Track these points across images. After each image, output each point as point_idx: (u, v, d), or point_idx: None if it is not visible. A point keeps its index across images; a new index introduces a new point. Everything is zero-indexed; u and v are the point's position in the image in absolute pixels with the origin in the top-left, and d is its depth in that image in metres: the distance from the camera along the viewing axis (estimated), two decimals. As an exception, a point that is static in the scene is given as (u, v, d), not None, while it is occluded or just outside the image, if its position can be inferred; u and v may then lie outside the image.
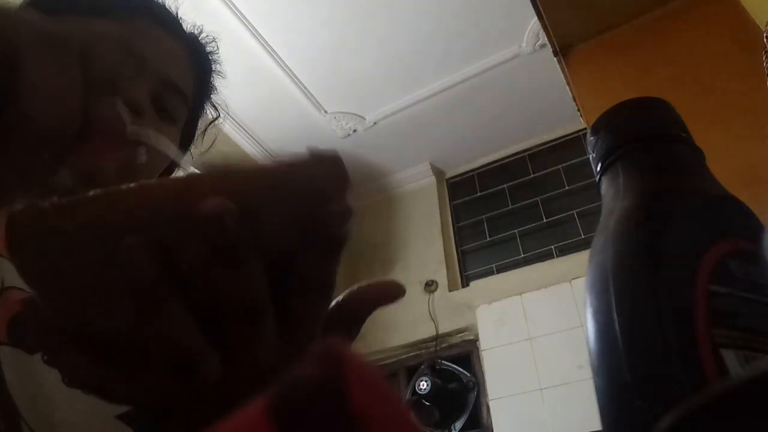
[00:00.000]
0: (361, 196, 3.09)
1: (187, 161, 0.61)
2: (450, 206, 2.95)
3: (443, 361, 2.43)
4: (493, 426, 2.14)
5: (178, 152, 0.57)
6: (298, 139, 2.78)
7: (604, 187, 0.28)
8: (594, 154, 0.30)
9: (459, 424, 2.28)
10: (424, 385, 2.28)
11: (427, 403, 2.27)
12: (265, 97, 2.52)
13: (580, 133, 2.70)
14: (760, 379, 0.12)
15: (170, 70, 0.52)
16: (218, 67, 0.61)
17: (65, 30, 0.30)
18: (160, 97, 0.50)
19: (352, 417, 0.12)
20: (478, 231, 2.80)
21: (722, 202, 0.25)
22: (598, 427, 0.22)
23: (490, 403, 2.20)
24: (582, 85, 1.11)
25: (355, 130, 2.76)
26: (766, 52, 0.71)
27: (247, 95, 2.47)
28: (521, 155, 2.89)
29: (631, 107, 0.29)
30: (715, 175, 0.27)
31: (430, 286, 2.65)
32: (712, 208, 0.25)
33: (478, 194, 2.91)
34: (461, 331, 2.46)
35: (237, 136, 2.63)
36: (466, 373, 2.38)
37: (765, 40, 0.71)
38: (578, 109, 1.14)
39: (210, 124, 0.64)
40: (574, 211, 2.58)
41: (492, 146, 2.91)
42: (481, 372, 2.31)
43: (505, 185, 2.84)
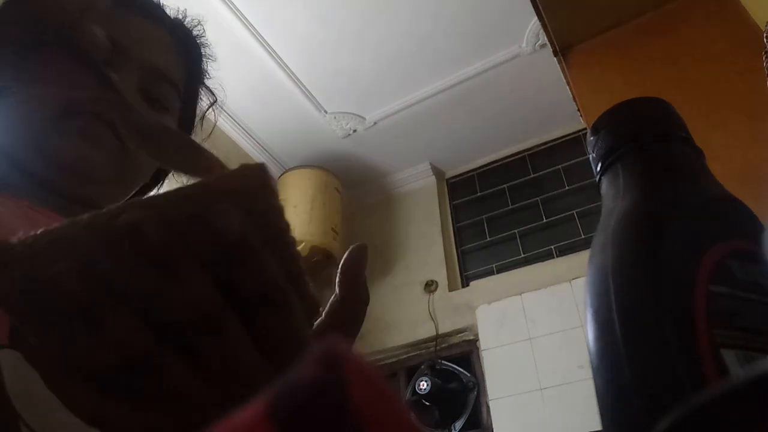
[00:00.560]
0: (361, 196, 3.09)
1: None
2: (450, 206, 2.94)
3: (443, 361, 2.43)
4: (493, 426, 2.14)
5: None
6: (298, 139, 2.77)
7: (604, 187, 0.28)
8: (594, 154, 0.30)
9: (459, 424, 2.27)
10: (424, 385, 2.28)
11: (427, 403, 2.27)
12: (265, 97, 2.52)
13: (580, 133, 2.70)
14: (760, 379, 0.12)
15: (156, 57, 0.50)
16: (207, 50, 0.59)
17: None
18: (149, 87, 0.49)
19: (352, 417, 0.12)
20: (478, 231, 2.80)
21: (722, 202, 0.25)
22: (598, 427, 0.22)
23: (490, 403, 2.20)
24: (582, 85, 1.11)
25: (355, 130, 2.76)
26: (766, 52, 0.71)
27: (247, 95, 2.47)
28: (521, 155, 2.89)
29: (631, 107, 0.29)
30: (715, 175, 0.27)
31: (430, 286, 2.65)
32: (712, 208, 0.25)
33: (478, 194, 2.91)
34: (461, 331, 2.46)
35: (237, 136, 2.63)
36: (466, 373, 2.37)
37: (765, 40, 0.71)
38: (578, 109, 1.14)
39: (208, 109, 0.63)
40: (574, 211, 2.57)
41: (492, 146, 2.91)
42: (481, 372, 2.30)
43: (505, 185, 2.84)
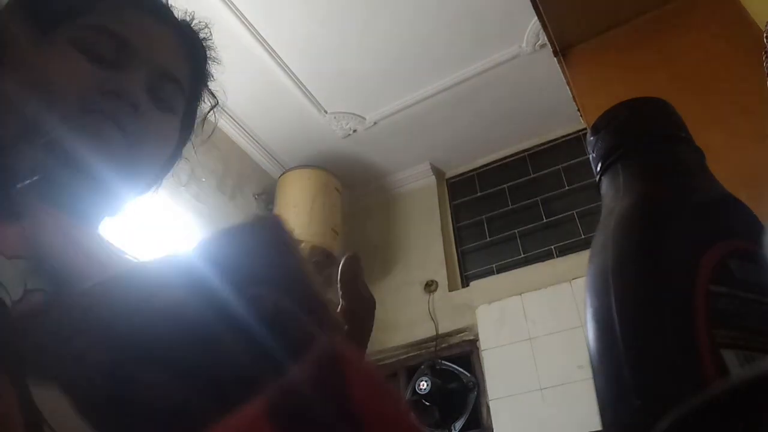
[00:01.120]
0: (361, 196, 3.09)
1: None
2: (450, 206, 2.94)
3: (443, 361, 2.43)
4: (493, 426, 2.14)
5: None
6: (298, 139, 2.77)
7: (604, 187, 0.28)
8: (594, 154, 0.30)
9: (459, 424, 2.27)
10: (424, 385, 2.28)
11: (427, 403, 2.27)
12: (265, 97, 2.52)
13: (580, 133, 2.70)
14: (760, 379, 0.12)
15: (163, 58, 0.51)
16: (213, 53, 0.60)
17: None
18: (156, 87, 0.50)
19: (352, 417, 0.12)
20: (478, 231, 2.80)
21: (722, 202, 0.25)
22: (598, 427, 0.22)
23: (490, 403, 2.20)
24: (582, 85, 1.11)
25: (355, 130, 2.76)
26: (766, 52, 0.71)
27: (247, 96, 2.47)
28: (521, 155, 2.89)
29: (631, 107, 0.29)
30: (715, 175, 0.27)
31: (430, 286, 2.65)
32: (712, 208, 0.25)
33: (478, 194, 2.91)
34: (461, 331, 2.46)
35: (237, 136, 2.63)
36: (466, 373, 2.37)
37: (765, 40, 0.71)
38: (578, 109, 1.14)
39: (209, 112, 0.63)
40: (574, 211, 2.57)
41: (492, 146, 2.91)
42: (481, 372, 2.30)
43: (505, 185, 2.84)
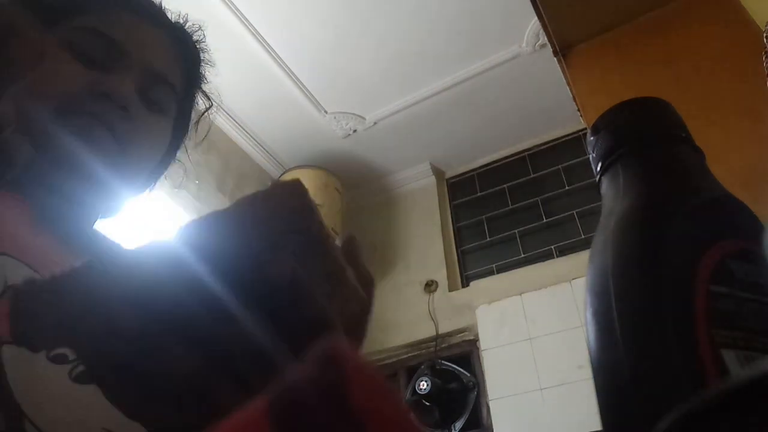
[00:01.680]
0: (361, 196, 3.09)
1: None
2: (450, 206, 2.94)
3: (443, 361, 2.43)
4: (493, 426, 2.14)
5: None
6: (298, 140, 2.77)
7: (605, 187, 0.28)
8: (594, 154, 0.30)
9: (459, 424, 2.27)
10: (424, 385, 2.28)
11: (427, 403, 2.27)
12: (265, 97, 2.52)
13: (580, 133, 2.70)
14: (760, 379, 0.12)
15: (155, 60, 0.51)
16: (206, 56, 0.60)
17: None
18: (147, 89, 0.50)
19: (352, 417, 0.12)
20: (478, 231, 2.80)
21: (722, 202, 0.25)
22: (598, 427, 0.22)
23: (490, 403, 2.20)
24: (582, 85, 1.11)
25: (355, 130, 2.76)
26: (766, 52, 0.71)
27: (247, 96, 2.47)
28: (521, 155, 2.89)
29: (631, 107, 0.29)
30: (715, 175, 0.27)
31: (430, 286, 2.65)
32: (712, 208, 0.25)
33: (478, 194, 2.91)
34: (461, 331, 2.46)
35: (237, 136, 2.63)
36: (466, 373, 2.37)
37: (765, 40, 0.71)
38: (578, 109, 1.14)
39: (203, 114, 0.64)
40: (574, 211, 2.57)
41: (492, 146, 2.91)
42: (481, 372, 2.30)
43: (505, 185, 2.84)
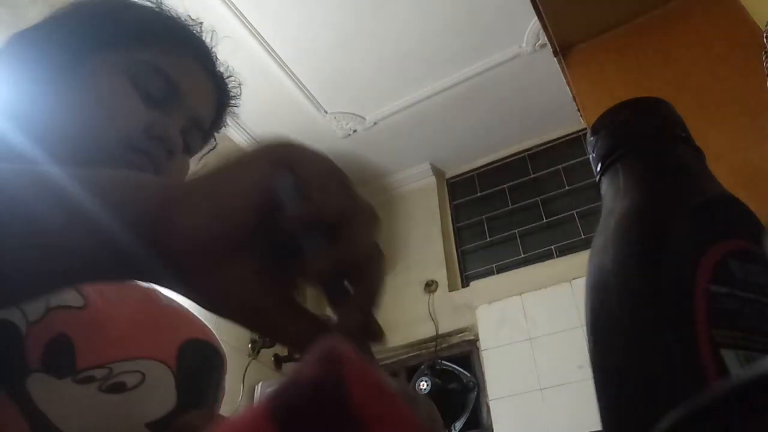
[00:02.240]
0: (362, 196, 3.08)
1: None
2: (450, 206, 2.94)
3: (443, 361, 2.43)
4: (493, 426, 2.14)
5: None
6: (298, 140, 2.77)
7: (605, 187, 0.28)
8: (594, 154, 0.30)
9: (459, 424, 2.27)
10: (424, 385, 2.28)
11: (427, 403, 2.26)
12: (266, 97, 2.52)
13: (580, 133, 2.70)
14: (760, 379, 0.12)
15: (201, 108, 0.55)
16: (236, 109, 0.65)
17: None
18: (187, 134, 0.54)
19: (352, 417, 0.12)
20: (478, 231, 2.80)
21: (722, 202, 0.25)
22: (598, 427, 0.22)
23: (490, 403, 2.20)
24: (582, 85, 1.11)
25: (355, 130, 2.75)
26: (766, 52, 0.71)
27: (248, 96, 2.44)
28: (521, 155, 2.89)
29: (632, 107, 0.29)
30: (715, 175, 0.27)
31: (430, 286, 2.65)
32: (712, 208, 0.25)
33: (478, 194, 2.91)
34: (461, 331, 2.46)
35: (237, 136, 2.63)
36: (466, 373, 2.37)
37: (765, 40, 0.71)
38: (578, 109, 1.14)
39: (207, 152, 0.67)
40: (574, 211, 2.57)
41: (492, 146, 2.91)
42: (481, 372, 2.30)
43: (505, 185, 2.84)
